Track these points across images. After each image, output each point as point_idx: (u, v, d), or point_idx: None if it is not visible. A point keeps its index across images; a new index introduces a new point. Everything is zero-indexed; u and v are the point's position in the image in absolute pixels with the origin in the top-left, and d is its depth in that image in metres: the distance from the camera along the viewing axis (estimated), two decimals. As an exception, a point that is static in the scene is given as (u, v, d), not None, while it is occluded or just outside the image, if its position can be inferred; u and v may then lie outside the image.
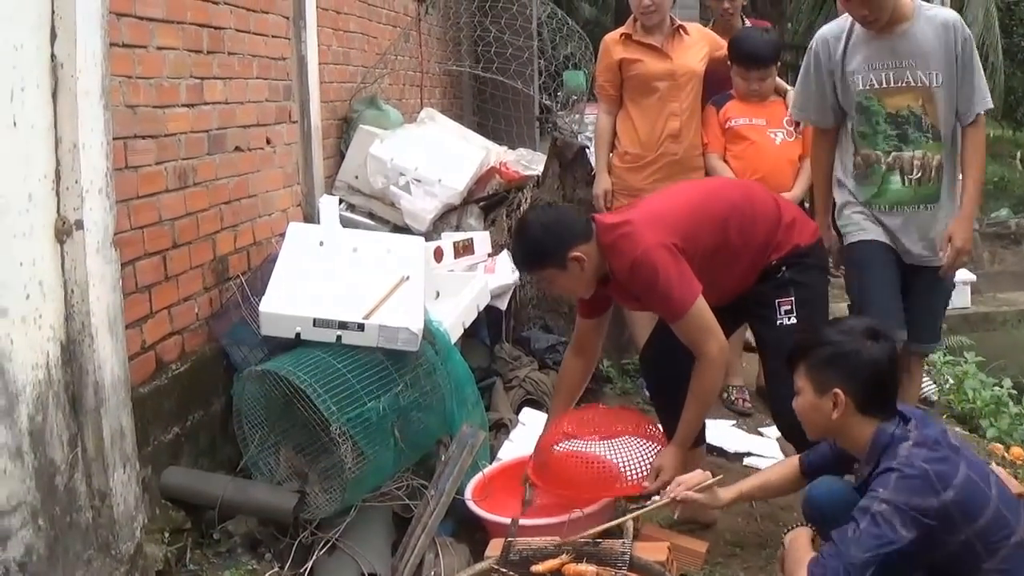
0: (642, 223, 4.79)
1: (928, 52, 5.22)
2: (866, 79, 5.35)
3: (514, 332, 7.44)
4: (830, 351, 3.96)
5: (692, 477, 4.58)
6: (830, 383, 3.92)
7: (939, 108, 5.30)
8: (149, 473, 4.49)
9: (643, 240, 4.70)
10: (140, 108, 4.65)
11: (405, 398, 4.94)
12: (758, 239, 4.94)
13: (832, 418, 3.93)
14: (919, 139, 5.35)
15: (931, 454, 3.73)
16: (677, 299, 4.73)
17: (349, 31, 8.02)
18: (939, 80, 5.24)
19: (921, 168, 5.37)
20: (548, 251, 4.77)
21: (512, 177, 7.83)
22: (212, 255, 5.37)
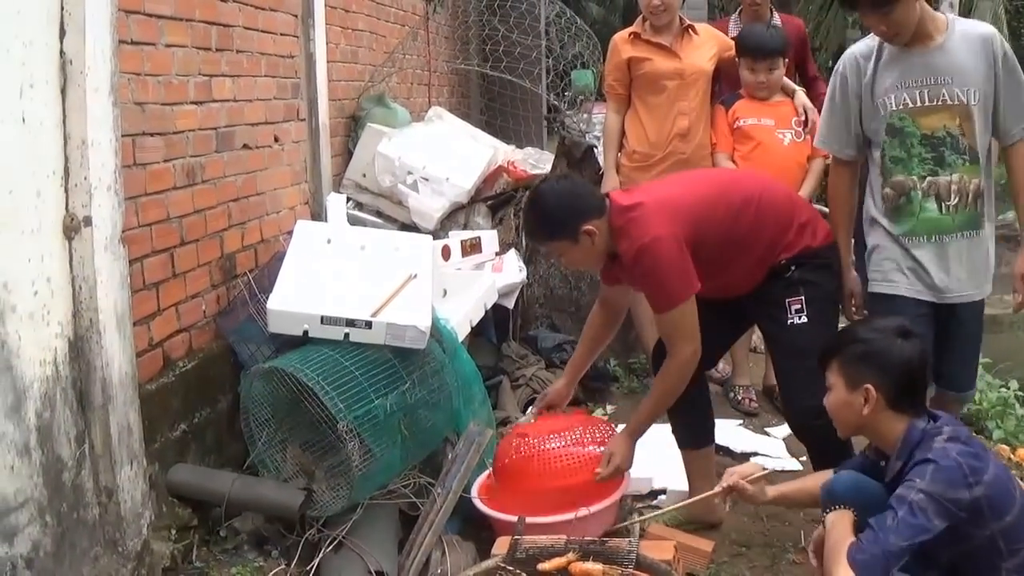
0: (654, 209, 4.78)
1: (965, 68, 4.85)
2: (899, 99, 4.94)
3: (521, 331, 7.45)
4: (862, 348, 4.02)
5: (745, 468, 4.61)
6: (862, 379, 3.97)
7: (976, 127, 4.89)
8: (156, 470, 4.50)
9: (651, 228, 4.71)
10: (149, 105, 4.65)
11: (412, 396, 4.94)
12: (768, 234, 4.93)
13: (863, 414, 3.98)
14: (956, 161, 4.92)
15: (965, 448, 3.78)
16: (668, 293, 4.77)
17: (357, 29, 8.03)
18: (976, 97, 4.85)
19: (959, 193, 4.94)
20: (560, 223, 4.80)
21: (520, 176, 7.84)
22: (220, 252, 5.38)
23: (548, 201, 4.86)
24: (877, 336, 4.04)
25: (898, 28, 4.72)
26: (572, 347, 7.09)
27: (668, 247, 4.69)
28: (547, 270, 7.65)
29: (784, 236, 4.95)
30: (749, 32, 6.74)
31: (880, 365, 3.96)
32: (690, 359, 4.88)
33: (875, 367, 3.96)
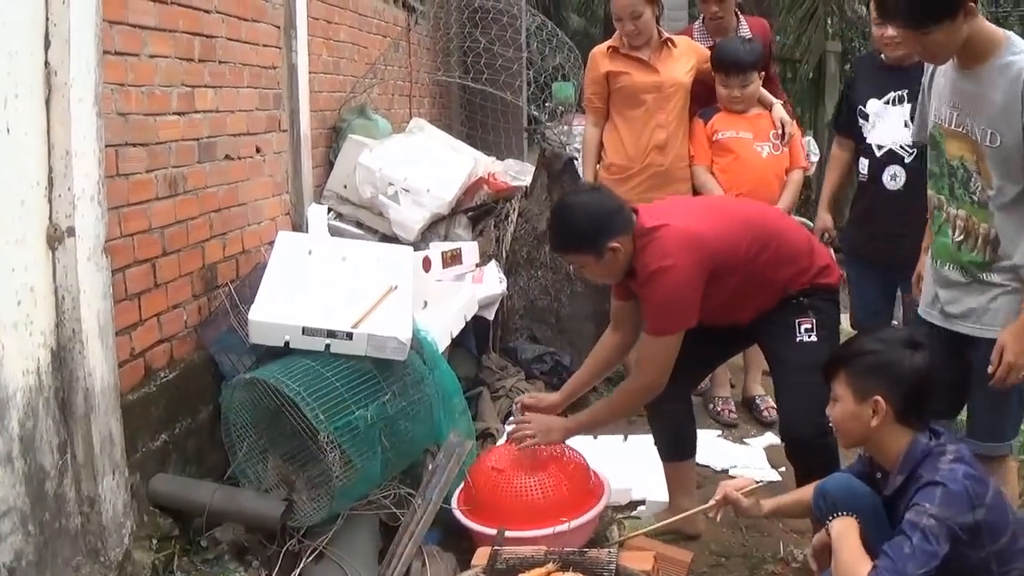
0: (677, 235, 4.79)
1: (987, 104, 4.27)
2: (938, 111, 4.55)
3: (501, 342, 7.46)
4: (872, 359, 4.01)
5: (739, 481, 4.64)
6: (872, 390, 3.96)
7: (992, 171, 4.34)
8: (137, 480, 4.50)
9: (670, 254, 4.74)
10: (132, 116, 4.66)
11: (393, 407, 4.95)
12: (784, 274, 4.96)
13: (871, 426, 3.97)
14: (963, 197, 4.49)
15: (969, 470, 3.79)
16: (664, 319, 4.83)
17: (339, 41, 8.03)
18: (995, 140, 4.26)
19: (964, 232, 4.51)
20: (588, 237, 4.78)
21: (500, 188, 7.85)
22: (201, 263, 5.38)
23: (577, 215, 4.84)
24: (886, 347, 4.03)
25: (935, 50, 4.26)
26: (551, 358, 7.14)
27: (680, 277, 4.72)
28: (527, 282, 7.67)
29: (800, 278, 4.99)
30: (723, 47, 6.75)
31: (890, 376, 3.95)
32: (652, 388, 4.97)
33: (885, 378, 3.95)
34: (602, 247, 4.74)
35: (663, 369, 4.87)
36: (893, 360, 3.97)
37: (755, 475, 5.82)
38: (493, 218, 7.79)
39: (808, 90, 18.62)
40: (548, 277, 7.68)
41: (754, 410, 7.25)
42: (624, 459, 6.07)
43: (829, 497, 4.26)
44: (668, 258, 4.71)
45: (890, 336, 4.16)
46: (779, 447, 6.41)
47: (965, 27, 4.09)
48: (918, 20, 4.07)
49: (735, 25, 7.20)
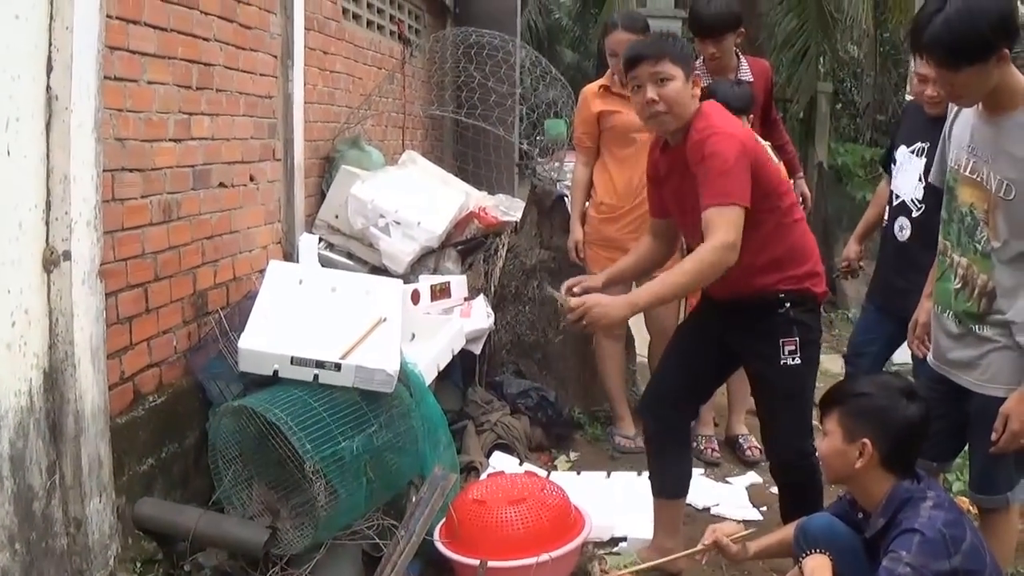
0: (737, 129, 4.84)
1: (1006, 156, 4.21)
2: (956, 156, 4.49)
3: (487, 376, 7.47)
4: (866, 402, 4.07)
5: (727, 526, 4.67)
6: (861, 432, 4.01)
7: (1000, 223, 4.28)
8: (123, 503, 4.52)
9: (734, 129, 4.79)
10: (129, 141, 4.69)
11: (379, 438, 4.97)
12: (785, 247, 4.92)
13: (855, 467, 4.03)
14: (967, 246, 4.44)
15: (948, 517, 3.85)
16: (728, 184, 4.62)
17: (335, 71, 8.07)
18: (1008, 192, 4.21)
19: (963, 280, 4.47)
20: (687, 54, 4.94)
21: (490, 223, 7.89)
22: (192, 289, 5.40)
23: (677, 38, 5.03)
24: (883, 393, 4.08)
25: (963, 92, 4.21)
26: (537, 393, 7.15)
27: (741, 150, 4.66)
28: (515, 317, 7.70)
29: (798, 266, 4.95)
30: (716, 90, 6.71)
31: (881, 422, 4.01)
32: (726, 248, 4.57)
33: (876, 423, 4.01)
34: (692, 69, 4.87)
35: (735, 232, 4.57)
36: (887, 407, 4.03)
37: (737, 514, 5.87)
38: (482, 252, 7.82)
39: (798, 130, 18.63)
40: (535, 312, 7.70)
41: (737, 449, 7.27)
42: (606, 495, 6.09)
43: (809, 535, 4.31)
44: (731, 129, 4.75)
45: (889, 383, 4.21)
46: (761, 486, 6.47)
47: (996, 73, 4.08)
48: (952, 59, 4.05)
49: (735, 65, 7.17)
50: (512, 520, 4.89)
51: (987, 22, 3.95)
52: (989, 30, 3.96)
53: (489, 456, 6.43)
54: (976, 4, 3.96)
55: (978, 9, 3.95)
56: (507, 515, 4.90)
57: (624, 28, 6.85)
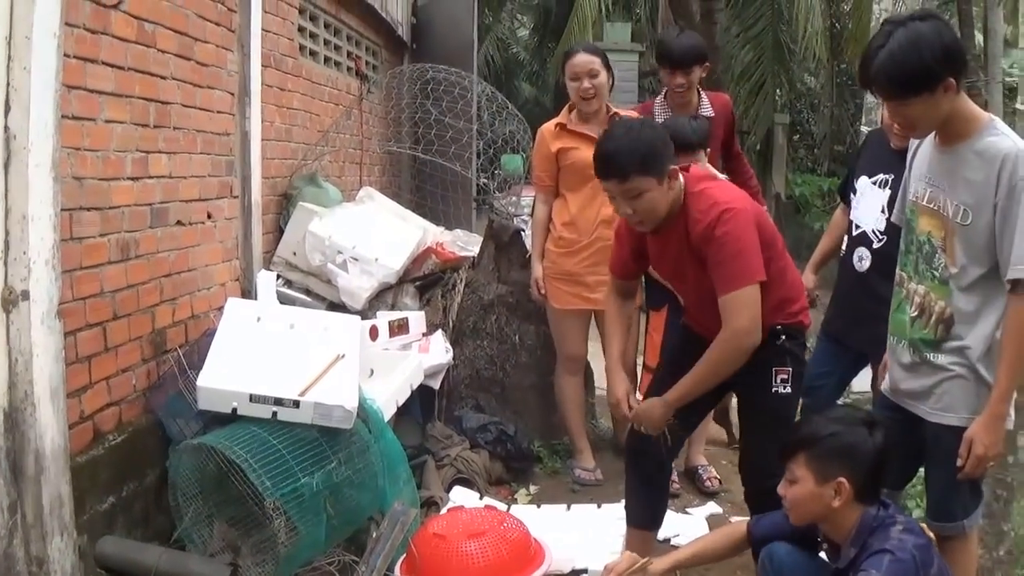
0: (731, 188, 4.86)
1: (963, 181, 4.31)
2: (916, 188, 4.59)
3: (446, 411, 7.47)
4: (835, 442, 4.05)
5: (620, 563, 4.62)
6: (834, 472, 4.01)
7: (957, 250, 4.36)
8: (85, 541, 4.51)
9: (736, 199, 4.73)
10: (87, 180, 4.71)
11: (338, 475, 4.98)
12: (779, 294, 4.88)
13: (833, 506, 4.03)
14: (925, 273, 4.51)
15: (918, 541, 3.89)
16: (746, 265, 4.63)
17: (292, 108, 8.10)
18: (965, 218, 4.31)
19: (920, 308, 4.54)
20: (659, 155, 4.65)
21: (448, 258, 7.92)
22: (151, 327, 5.41)
23: (649, 133, 4.72)
24: (848, 430, 4.08)
25: (915, 123, 4.34)
26: (496, 428, 7.14)
27: (749, 222, 4.65)
28: (473, 352, 7.71)
29: (791, 304, 4.96)
30: (672, 126, 6.71)
31: (853, 459, 4.01)
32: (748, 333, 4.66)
33: (847, 460, 4.01)
34: (666, 168, 4.65)
35: (755, 312, 4.64)
36: (855, 443, 4.03)
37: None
38: (440, 287, 7.84)
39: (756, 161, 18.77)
40: (494, 347, 7.71)
41: (696, 480, 7.28)
42: (567, 528, 6.09)
43: (776, 565, 4.33)
44: (734, 200, 4.69)
45: (849, 417, 4.22)
46: (721, 516, 6.49)
47: (946, 103, 4.17)
48: (898, 90, 4.16)
49: (696, 101, 7.24)
50: (472, 554, 4.89)
51: (931, 53, 4.05)
52: (933, 61, 4.05)
53: (449, 490, 6.42)
54: (919, 37, 4.07)
55: (922, 41, 4.06)
56: (467, 549, 4.90)
57: (585, 51, 6.92)
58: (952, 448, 4.38)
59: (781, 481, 4.22)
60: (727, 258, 4.62)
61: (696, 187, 4.77)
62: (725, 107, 7.39)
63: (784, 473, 4.23)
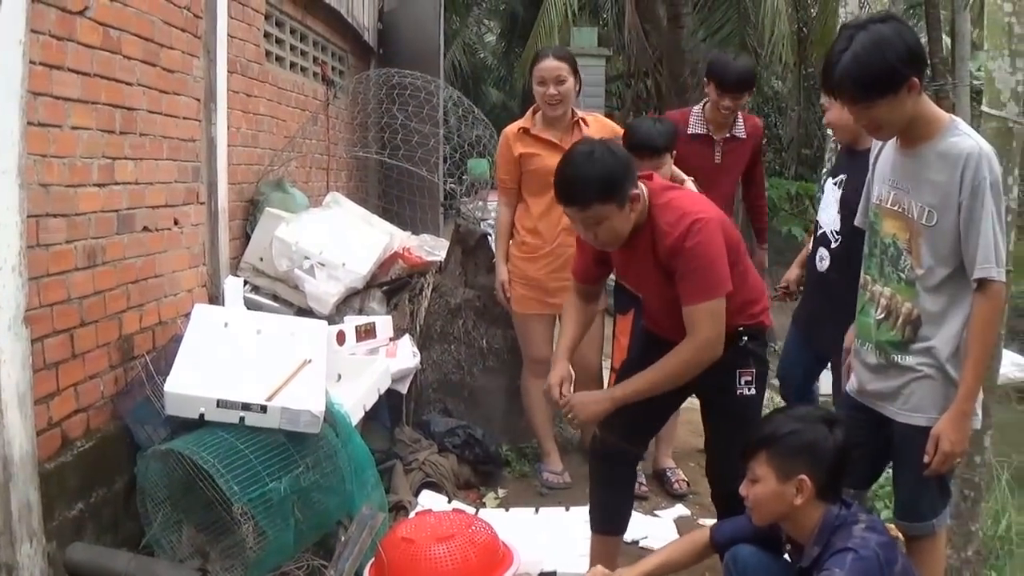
0: (697, 196, 4.84)
1: (927, 182, 4.36)
2: (879, 191, 4.63)
3: (414, 416, 7.48)
4: (795, 440, 4.07)
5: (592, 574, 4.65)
6: (795, 470, 4.03)
7: (923, 251, 4.41)
8: (54, 548, 4.50)
9: (704, 211, 4.68)
10: (53, 187, 4.70)
11: (306, 479, 4.99)
12: (742, 297, 4.89)
13: (795, 504, 4.05)
14: (891, 275, 4.56)
15: (881, 538, 3.92)
16: (715, 278, 4.63)
17: (259, 114, 8.11)
18: (930, 219, 4.36)
19: (886, 310, 4.58)
20: (616, 184, 4.56)
21: (415, 262, 7.92)
22: (118, 334, 5.40)
23: (606, 159, 4.59)
24: (806, 427, 4.10)
25: (879, 124, 4.34)
26: (464, 432, 7.16)
27: (717, 233, 4.64)
28: (441, 356, 7.72)
29: (753, 305, 4.98)
30: (635, 129, 6.68)
31: (813, 456, 4.03)
32: (711, 347, 4.67)
33: (808, 458, 4.03)
34: (627, 193, 4.58)
35: (720, 324, 4.66)
36: (816, 440, 4.05)
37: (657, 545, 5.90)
38: (407, 292, 7.84)
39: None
40: (461, 351, 7.73)
41: (665, 483, 7.30)
42: (535, 531, 6.11)
43: (741, 566, 4.35)
44: (703, 210, 4.67)
45: (809, 415, 4.25)
46: (689, 518, 6.52)
47: (909, 104, 4.21)
48: (863, 93, 4.18)
49: (732, 121, 7.26)
50: (441, 557, 4.90)
51: (894, 54, 4.08)
52: (897, 62, 4.09)
53: (417, 495, 6.44)
54: (881, 38, 4.10)
55: (884, 43, 4.09)
56: (436, 552, 4.91)
57: (554, 56, 6.88)
58: (921, 448, 4.41)
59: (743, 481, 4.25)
60: (696, 270, 4.62)
61: (662, 198, 4.75)
62: (756, 130, 7.50)
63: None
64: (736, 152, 7.26)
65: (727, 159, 7.26)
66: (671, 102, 15.26)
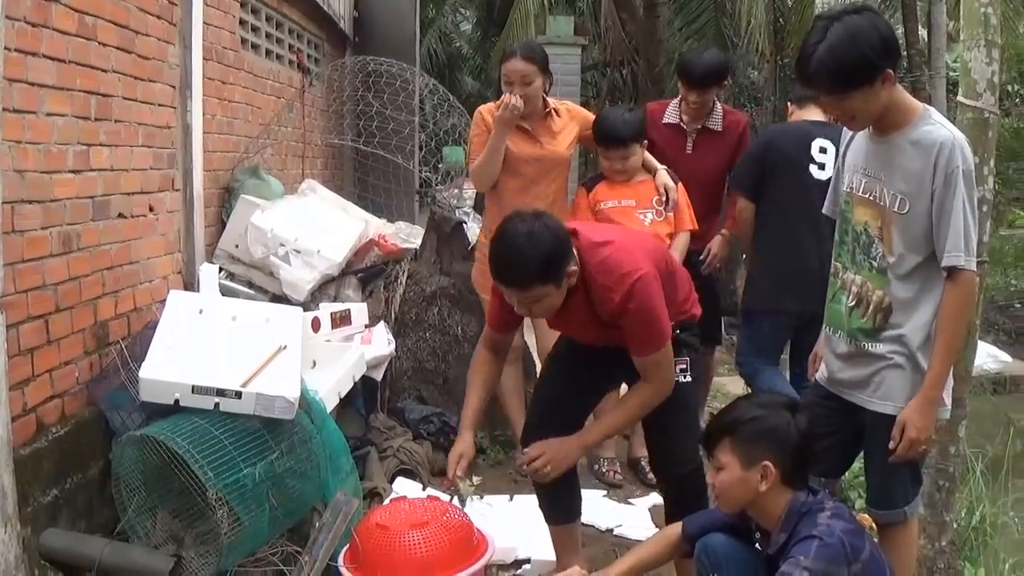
0: (629, 247, 4.75)
1: (900, 171, 4.40)
2: (850, 179, 4.66)
3: (389, 402, 7.50)
4: (757, 426, 4.10)
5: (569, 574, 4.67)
6: (759, 456, 4.05)
7: (895, 239, 4.45)
8: (28, 533, 4.50)
9: (639, 263, 4.66)
10: (28, 173, 4.70)
11: (280, 465, 4.99)
12: (679, 297, 5.00)
13: (760, 490, 4.07)
14: (863, 263, 4.59)
15: (847, 525, 3.94)
16: (661, 330, 4.72)
17: (234, 101, 8.09)
18: (903, 207, 4.40)
19: (858, 298, 4.61)
20: (554, 267, 4.51)
21: (390, 250, 7.93)
22: (93, 320, 5.40)
23: (546, 240, 4.49)
24: (769, 412, 4.13)
25: (854, 114, 4.38)
26: (439, 419, 7.18)
27: (656, 284, 4.66)
28: (416, 343, 7.74)
29: (684, 303, 5.06)
30: (603, 120, 6.71)
31: (776, 441, 4.06)
32: (668, 383, 4.86)
33: (772, 443, 4.06)
34: (565, 271, 4.55)
35: (669, 369, 4.84)
36: (778, 425, 4.08)
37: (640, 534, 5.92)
38: (383, 280, 7.86)
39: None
40: (436, 339, 7.75)
41: (639, 471, 7.32)
42: (510, 518, 6.13)
43: (712, 555, 4.37)
44: (638, 266, 4.63)
45: (771, 401, 4.28)
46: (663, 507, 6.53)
47: (884, 94, 4.26)
48: (838, 84, 4.21)
49: (708, 113, 7.37)
50: (415, 544, 4.91)
51: (869, 46, 4.13)
52: (872, 53, 4.14)
53: (392, 481, 6.45)
54: (857, 30, 4.14)
55: (860, 34, 4.13)
56: (410, 539, 4.92)
57: (522, 57, 6.76)
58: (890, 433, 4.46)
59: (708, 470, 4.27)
60: (642, 325, 4.71)
61: (595, 256, 4.70)
62: (735, 125, 7.52)
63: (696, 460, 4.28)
64: (710, 144, 7.28)
65: (700, 150, 7.30)
66: (647, 91, 15.27)
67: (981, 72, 5.35)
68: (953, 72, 17.57)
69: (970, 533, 6.82)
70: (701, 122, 7.27)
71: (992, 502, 7.32)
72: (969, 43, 5.40)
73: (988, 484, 7.57)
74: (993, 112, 5.38)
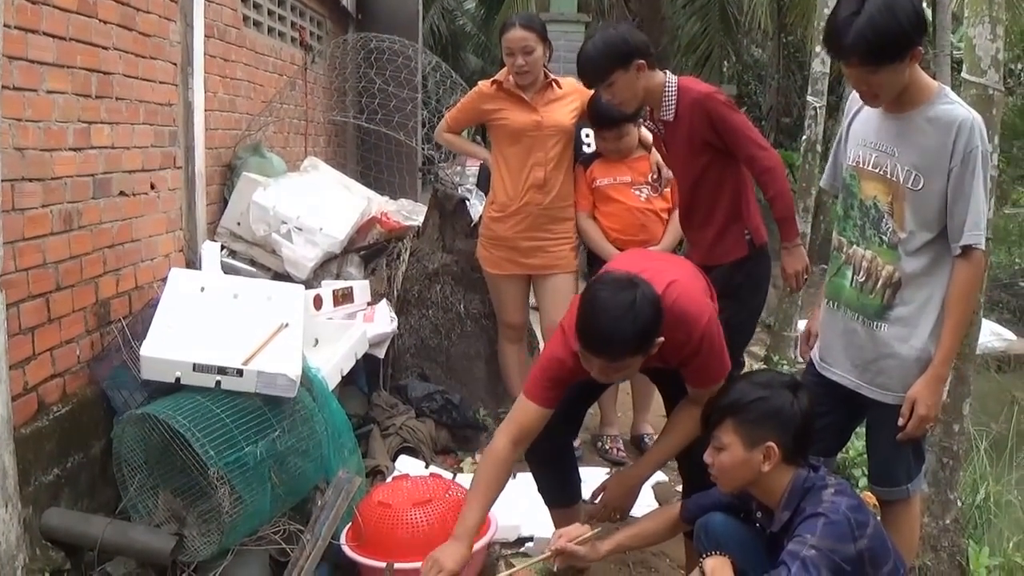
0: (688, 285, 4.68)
1: (916, 147, 4.37)
2: (855, 153, 4.64)
3: (392, 380, 7.49)
4: (761, 406, 4.07)
5: (572, 530, 4.65)
6: (762, 437, 4.03)
7: (906, 214, 4.44)
8: (30, 513, 4.51)
9: (704, 306, 4.63)
10: (28, 151, 4.68)
11: (282, 443, 4.99)
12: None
13: (763, 471, 4.05)
14: (872, 238, 4.57)
15: (851, 502, 3.92)
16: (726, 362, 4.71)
17: (236, 78, 8.07)
18: (916, 183, 4.38)
19: (867, 273, 4.60)
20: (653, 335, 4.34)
21: (393, 227, 7.92)
22: (95, 298, 5.40)
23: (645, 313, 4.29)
24: (771, 393, 4.10)
25: (879, 90, 4.33)
26: (441, 397, 7.16)
27: (716, 323, 4.65)
28: (418, 321, 7.72)
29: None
30: (597, 99, 6.66)
31: (780, 422, 4.04)
32: None
33: (775, 424, 4.04)
34: (655, 344, 4.40)
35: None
36: (782, 406, 4.06)
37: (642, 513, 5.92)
38: (385, 257, 7.85)
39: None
40: (439, 316, 7.73)
41: (643, 449, 7.30)
42: (512, 496, 6.11)
43: (711, 534, 4.36)
44: (703, 310, 4.59)
45: (772, 380, 4.24)
46: (667, 484, 6.54)
47: (908, 71, 4.25)
48: (874, 58, 4.17)
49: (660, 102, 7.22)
50: (418, 522, 4.93)
51: (907, 19, 4.10)
52: (909, 26, 4.12)
53: (395, 459, 6.45)
54: (895, 2, 4.10)
55: (898, 7, 4.10)
56: (413, 517, 4.93)
57: (521, 26, 6.78)
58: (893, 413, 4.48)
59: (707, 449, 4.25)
60: (710, 362, 4.65)
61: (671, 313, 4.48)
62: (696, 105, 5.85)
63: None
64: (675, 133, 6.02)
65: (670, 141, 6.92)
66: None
67: (985, 48, 5.33)
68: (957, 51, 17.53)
69: (974, 511, 6.83)
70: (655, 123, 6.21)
71: (996, 480, 7.33)
72: (973, 19, 5.38)
73: (992, 462, 7.58)
74: (998, 89, 5.36)
